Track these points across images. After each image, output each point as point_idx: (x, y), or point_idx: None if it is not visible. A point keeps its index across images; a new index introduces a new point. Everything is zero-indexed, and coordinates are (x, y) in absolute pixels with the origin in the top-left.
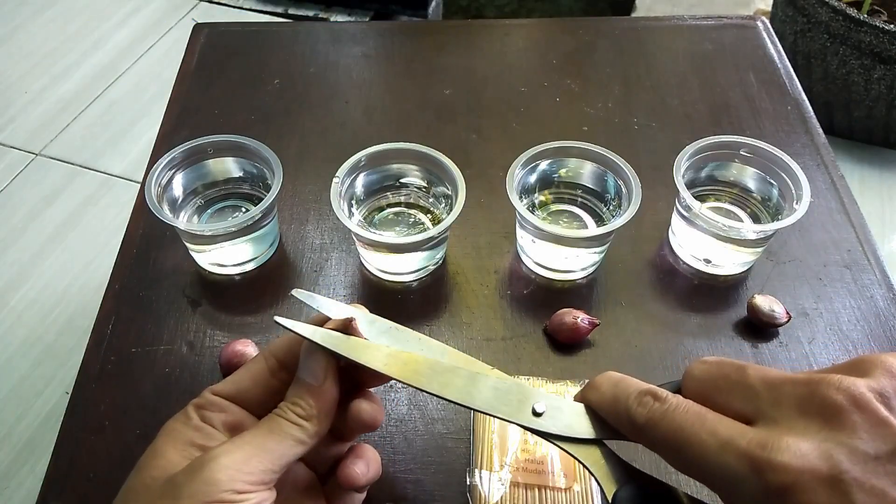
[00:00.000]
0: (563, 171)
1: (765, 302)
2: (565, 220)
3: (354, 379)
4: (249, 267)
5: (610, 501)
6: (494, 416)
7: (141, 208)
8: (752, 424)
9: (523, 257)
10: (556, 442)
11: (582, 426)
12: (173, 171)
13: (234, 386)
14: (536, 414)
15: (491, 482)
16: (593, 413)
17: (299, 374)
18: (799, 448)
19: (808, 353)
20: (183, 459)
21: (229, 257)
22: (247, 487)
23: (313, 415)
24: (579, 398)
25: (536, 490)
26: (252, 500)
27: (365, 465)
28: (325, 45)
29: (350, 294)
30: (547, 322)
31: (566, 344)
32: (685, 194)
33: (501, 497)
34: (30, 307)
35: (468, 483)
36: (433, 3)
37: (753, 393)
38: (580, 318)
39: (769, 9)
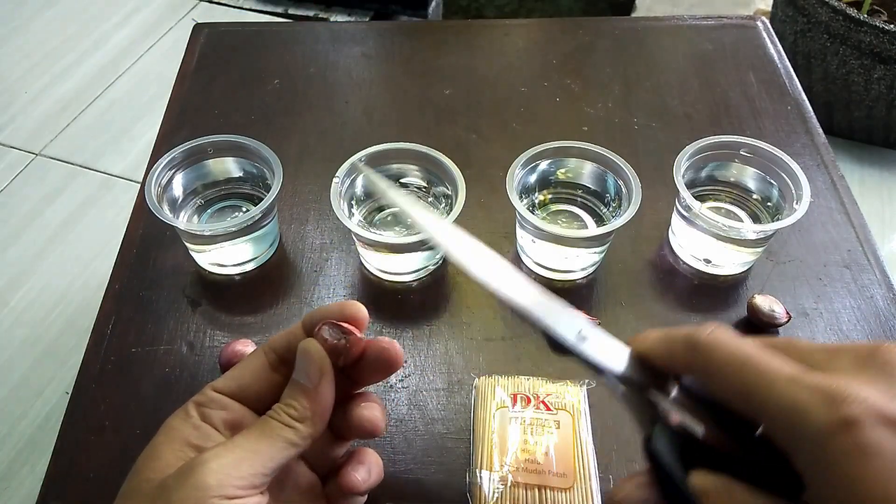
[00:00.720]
0: (562, 172)
1: (765, 302)
2: (565, 220)
3: (352, 378)
4: (249, 267)
5: (646, 440)
6: (541, 325)
7: (141, 208)
8: None
9: (523, 257)
10: (598, 367)
11: (624, 362)
12: (173, 171)
13: (235, 382)
14: (580, 338)
15: (491, 482)
16: (637, 361)
17: (294, 375)
18: (869, 390)
19: None
20: (178, 460)
21: (229, 257)
22: (237, 493)
23: (307, 417)
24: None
25: (536, 490)
26: None
27: (366, 470)
28: (325, 45)
29: (350, 294)
30: None
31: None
32: (685, 194)
33: (501, 496)
34: (30, 307)
35: (468, 482)
36: (433, 3)
37: (808, 354)
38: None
39: (769, 9)
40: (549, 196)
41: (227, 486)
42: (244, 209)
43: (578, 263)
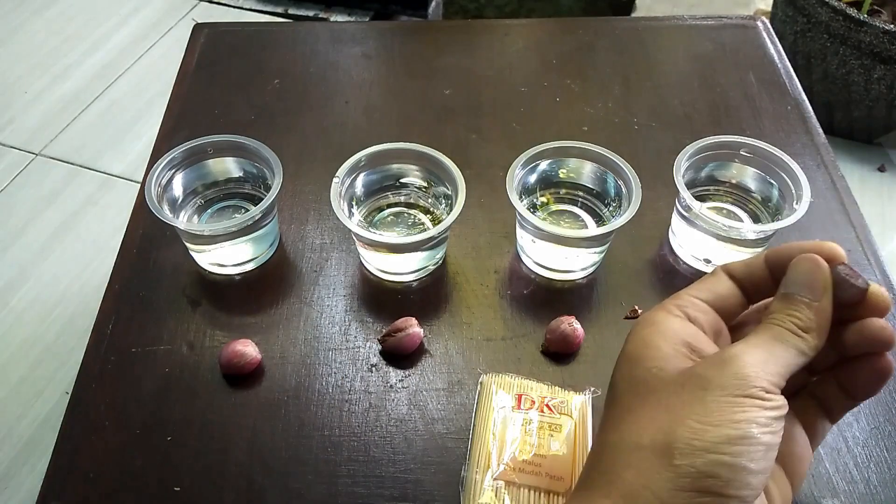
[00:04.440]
0: (563, 172)
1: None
2: (566, 220)
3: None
4: (249, 267)
5: None
6: None
7: (141, 208)
8: None
9: (523, 257)
10: None
11: None
12: (173, 171)
13: (711, 293)
14: None
15: (485, 478)
16: None
17: (788, 288)
18: None
19: None
20: (676, 353)
21: (229, 257)
22: (771, 388)
23: (812, 328)
24: None
25: (530, 491)
26: (777, 402)
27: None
28: (325, 45)
29: (350, 294)
30: (547, 335)
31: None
32: (685, 194)
33: (495, 493)
34: (30, 307)
35: (462, 477)
36: (433, 3)
37: None
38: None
39: (769, 9)
40: (550, 197)
41: (763, 380)
42: (244, 209)
43: (578, 263)
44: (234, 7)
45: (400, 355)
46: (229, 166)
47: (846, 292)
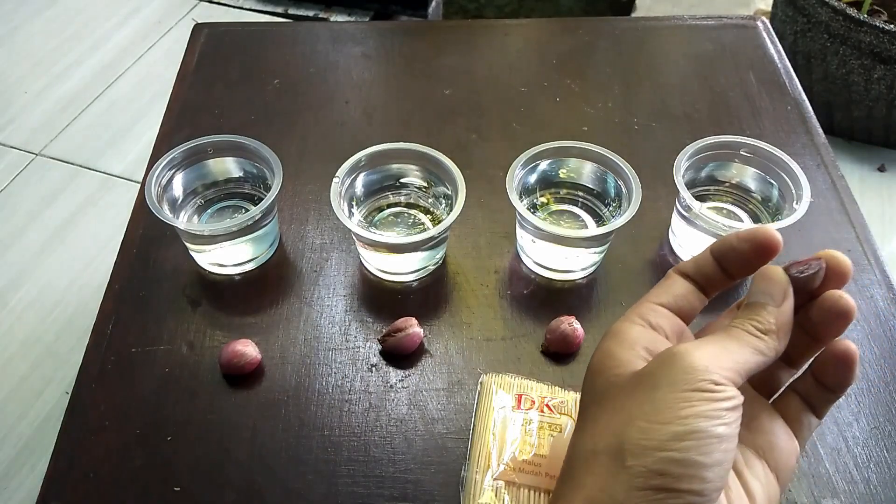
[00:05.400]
0: (563, 172)
1: None
2: (566, 220)
3: (809, 294)
4: (249, 267)
5: None
6: None
7: (141, 208)
8: None
9: (523, 257)
10: None
11: None
12: (173, 171)
13: (671, 296)
14: None
15: (485, 478)
16: None
17: (752, 298)
18: None
19: None
20: (635, 358)
21: (229, 257)
22: (722, 380)
23: (772, 330)
24: None
25: (530, 491)
26: (729, 394)
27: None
28: (325, 45)
29: (350, 294)
30: (547, 335)
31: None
32: (685, 194)
33: (495, 493)
34: (30, 307)
35: (462, 476)
36: (433, 3)
37: None
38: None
39: (769, 9)
40: (550, 197)
41: (713, 373)
42: (244, 209)
43: (578, 263)
44: (234, 7)
45: (400, 355)
46: (229, 166)
47: (808, 285)
